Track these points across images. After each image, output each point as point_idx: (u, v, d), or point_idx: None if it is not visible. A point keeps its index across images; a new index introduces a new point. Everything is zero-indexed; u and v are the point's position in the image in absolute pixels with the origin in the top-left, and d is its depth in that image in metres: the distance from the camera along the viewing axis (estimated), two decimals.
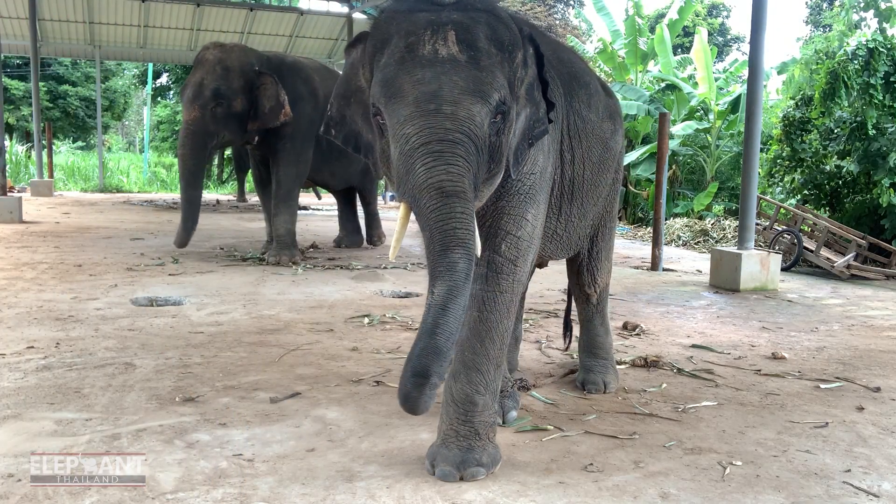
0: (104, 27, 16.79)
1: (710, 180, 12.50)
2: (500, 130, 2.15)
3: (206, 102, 6.63)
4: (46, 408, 2.95)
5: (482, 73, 2.07)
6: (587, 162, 3.05)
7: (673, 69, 13.96)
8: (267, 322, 4.58)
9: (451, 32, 2.08)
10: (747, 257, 6.55)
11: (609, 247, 3.59)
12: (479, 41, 2.10)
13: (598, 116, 3.13)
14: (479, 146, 2.05)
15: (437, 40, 2.07)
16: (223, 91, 6.66)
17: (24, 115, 22.27)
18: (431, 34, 2.08)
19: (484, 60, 2.09)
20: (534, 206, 2.57)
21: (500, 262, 2.49)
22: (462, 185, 1.99)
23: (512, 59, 2.21)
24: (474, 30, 2.11)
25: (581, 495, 2.32)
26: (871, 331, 5.05)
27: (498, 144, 2.15)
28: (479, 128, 2.04)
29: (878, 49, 8.26)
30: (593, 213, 3.31)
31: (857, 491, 2.43)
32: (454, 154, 1.99)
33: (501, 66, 2.14)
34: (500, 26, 2.20)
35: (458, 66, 2.05)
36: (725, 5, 29.41)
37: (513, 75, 2.23)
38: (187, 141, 6.72)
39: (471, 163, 2.02)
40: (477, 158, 2.04)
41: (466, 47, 2.07)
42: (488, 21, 2.17)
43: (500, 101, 2.11)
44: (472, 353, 2.47)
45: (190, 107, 6.67)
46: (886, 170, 8.26)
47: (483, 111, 2.05)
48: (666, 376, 3.73)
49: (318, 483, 2.34)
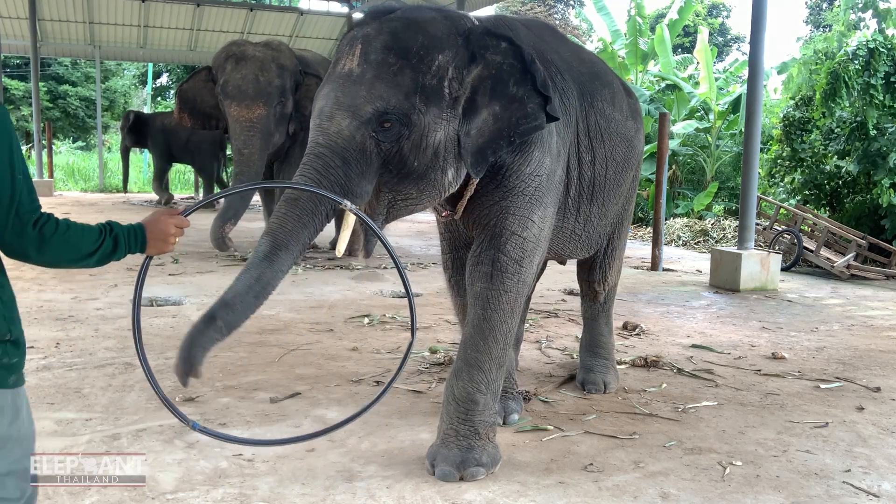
0: (104, 27, 16.78)
1: (710, 180, 12.50)
2: (399, 137, 2.22)
3: (270, 99, 6.39)
4: (46, 408, 2.95)
5: (361, 87, 2.21)
6: (610, 161, 3.02)
7: (673, 69, 13.96)
8: (267, 322, 4.58)
9: (357, 47, 2.25)
10: (747, 257, 6.55)
11: (622, 245, 3.57)
12: (374, 53, 2.23)
13: (622, 115, 3.11)
14: (347, 157, 2.18)
15: (348, 56, 2.27)
16: (285, 89, 6.49)
17: (24, 115, 22.25)
18: (348, 50, 2.28)
19: (369, 73, 2.22)
20: (540, 207, 2.56)
21: (505, 262, 2.49)
22: (301, 195, 2.14)
23: (425, 63, 2.24)
24: (374, 42, 2.24)
25: (581, 495, 2.32)
26: (871, 331, 5.05)
27: (397, 151, 2.24)
28: (348, 140, 2.19)
29: (879, 49, 8.26)
30: (614, 212, 3.29)
31: (857, 491, 2.43)
32: (311, 166, 2.18)
33: (397, 74, 2.21)
34: (409, 32, 2.25)
35: (346, 82, 2.23)
36: (725, 5, 29.40)
37: (431, 79, 2.25)
38: (255, 140, 6.36)
39: (327, 172, 2.16)
40: (343, 168, 2.18)
41: (363, 61, 2.24)
42: (394, 30, 2.26)
43: (378, 111, 2.19)
44: (474, 350, 2.47)
45: (252, 104, 6.37)
46: (886, 170, 8.26)
47: (353, 124, 2.19)
48: (666, 376, 3.73)
49: (318, 483, 2.34)
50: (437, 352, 3.97)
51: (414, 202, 2.37)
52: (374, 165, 2.23)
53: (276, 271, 2.05)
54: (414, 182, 2.30)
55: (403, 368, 2.06)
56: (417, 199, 2.36)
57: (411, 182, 2.30)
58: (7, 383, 1.35)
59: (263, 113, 6.39)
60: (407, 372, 3.64)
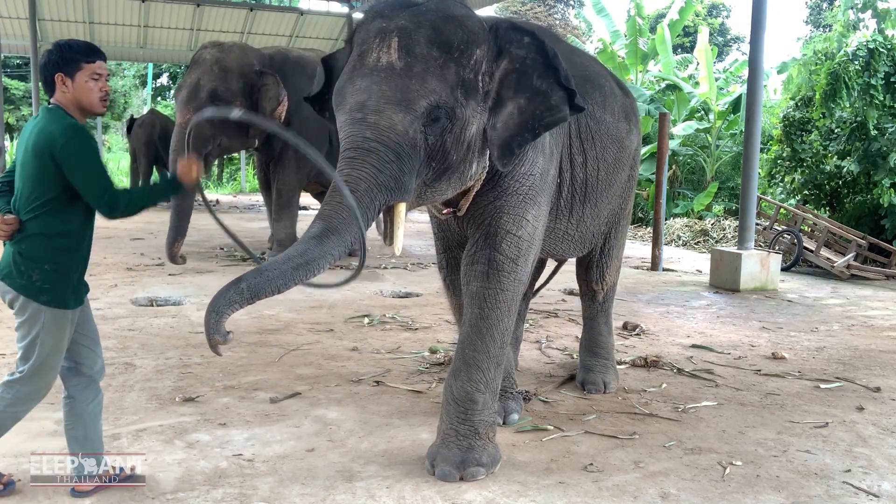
0: (104, 27, 16.76)
1: (710, 180, 12.50)
2: (444, 131, 2.21)
3: (201, 105, 6.25)
4: (46, 408, 2.94)
5: (412, 80, 2.17)
6: (602, 163, 3.04)
7: (673, 69, 13.96)
8: (267, 322, 4.58)
9: (394, 40, 2.19)
10: (747, 257, 6.55)
11: (620, 244, 3.58)
12: (418, 46, 2.19)
13: (613, 117, 3.13)
14: (401, 152, 2.15)
15: (381, 49, 2.20)
16: (220, 93, 6.37)
17: (24, 115, 22.25)
18: (379, 43, 2.22)
19: (418, 67, 2.18)
20: (534, 206, 2.57)
21: (501, 261, 2.50)
22: (358, 185, 2.11)
23: (465, 57, 2.25)
24: (416, 35, 2.20)
25: (581, 495, 2.32)
26: (871, 331, 5.05)
27: (440, 145, 2.22)
28: (402, 135, 2.15)
29: (879, 49, 8.26)
30: (608, 212, 3.31)
31: (857, 491, 2.43)
32: (364, 161, 2.13)
33: (443, 68, 2.20)
34: (450, 26, 2.24)
35: (391, 75, 2.18)
36: (725, 5, 29.38)
37: (469, 73, 2.26)
38: (180, 146, 6.22)
39: (383, 168, 2.13)
40: (398, 164, 2.15)
41: (405, 54, 2.19)
42: (434, 23, 2.23)
43: (431, 106, 2.17)
44: (472, 350, 2.48)
45: (184, 109, 6.33)
46: (887, 170, 8.26)
47: (406, 119, 2.15)
48: (666, 376, 3.73)
49: (318, 483, 2.34)
50: (436, 352, 3.97)
51: (441, 194, 2.37)
52: (421, 160, 2.21)
53: (324, 252, 2.03)
54: (448, 175, 2.31)
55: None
56: (444, 191, 2.36)
57: (446, 176, 2.30)
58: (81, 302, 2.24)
59: (192, 118, 6.39)
60: (407, 372, 3.64)
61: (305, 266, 1.99)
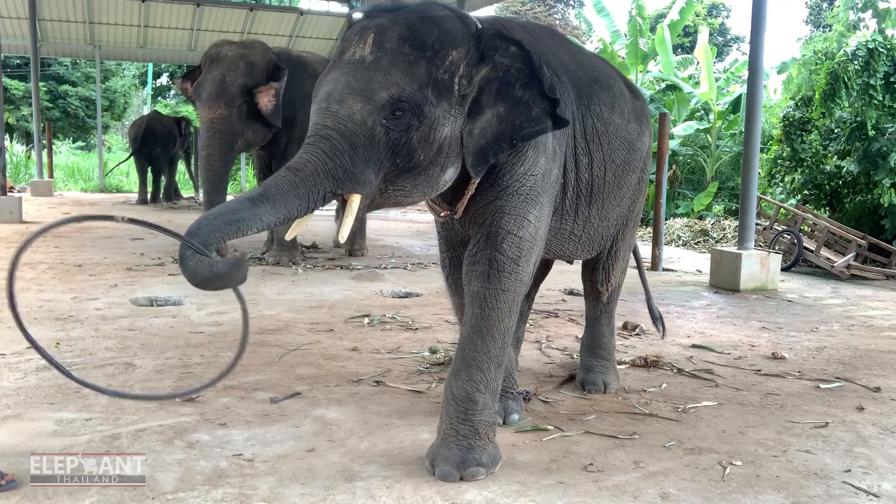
0: (104, 27, 16.79)
1: (710, 180, 12.51)
2: (409, 128, 2.22)
3: (232, 99, 6.39)
4: (46, 408, 2.95)
5: (377, 73, 2.21)
6: (609, 164, 3.02)
7: (673, 69, 13.96)
8: (267, 322, 4.58)
9: (370, 36, 2.26)
10: (747, 257, 6.55)
11: (627, 246, 3.56)
12: (390, 42, 2.25)
13: (623, 119, 3.10)
14: (356, 142, 2.18)
15: (358, 44, 2.27)
16: (250, 87, 6.46)
17: (24, 115, 22.26)
18: (357, 39, 2.29)
19: (385, 60, 2.22)
20: (536, 207, 2.56)
21: (502, 261, 2.50)
22: (304, 168, 2.15)
23: (439, 57, 2.27)
24: (390, 31, 2.26)
25: (581, 495, 2.32)
26: (871, 331, 5.05)
27: (405, 141, 2.23)
28: (359, 125, 2.18)
29: (878, 49, 8.26)
30: (616, 214, 3.28)
31: (857, 491, 2.43)
32: (316, 147, 2.18)
33: (413, 64, 2.23)
34: (425, 26, 2.29)
35: (359, 68, 2.23)
36: (725, 5, 29.41)
37: (443, 73, 2.28)
38: (213, 141, 6.39)
39: (334, 156, 2.16)
40: (350, 153, 2.17)
41: (377, 49, 2.24)
42: (410, 22, 2.28)
43: (392, 98, 2.19)
44: (473, 350, 2.48)
45: (213, 104, 6.39)
46: (886, 170, 8.27)
47: (365, 109, 2.18)
48: (666, 376, 3.73)
49: (318, 483, 2.34)
50: (437, 352, 3.97)
51: (405, 195, 2.37)
52: (380, 154, 2.22)
53: (255, 215, 2.04)
54: (412, 176, 2.31)
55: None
56: (409, 193, 2.36)
57: (410, 175, 2.30)
58: None
59: (224, 113, 6.40)
60: (407, 372, 3.64)
61: (236, 223, 2.02)
